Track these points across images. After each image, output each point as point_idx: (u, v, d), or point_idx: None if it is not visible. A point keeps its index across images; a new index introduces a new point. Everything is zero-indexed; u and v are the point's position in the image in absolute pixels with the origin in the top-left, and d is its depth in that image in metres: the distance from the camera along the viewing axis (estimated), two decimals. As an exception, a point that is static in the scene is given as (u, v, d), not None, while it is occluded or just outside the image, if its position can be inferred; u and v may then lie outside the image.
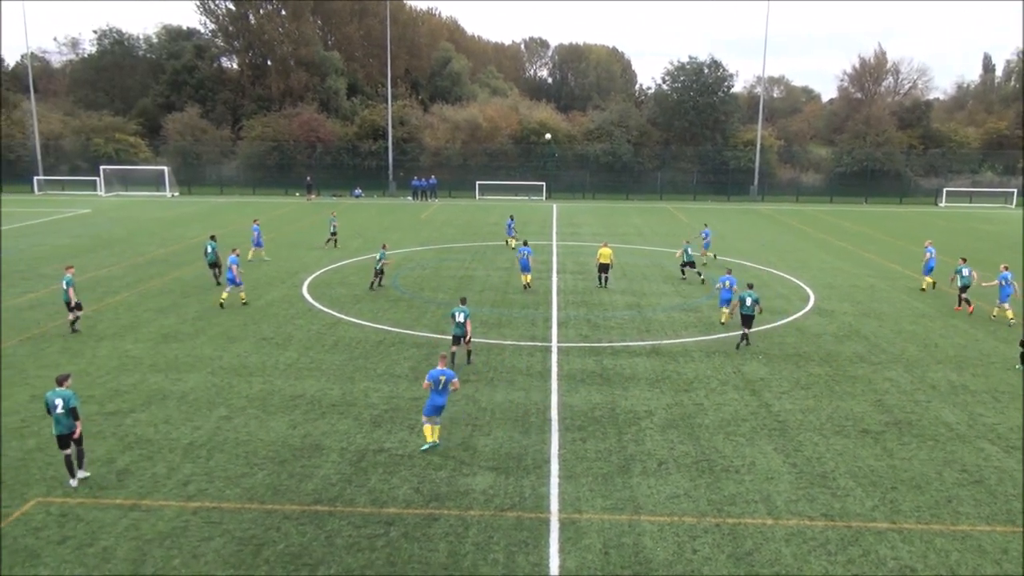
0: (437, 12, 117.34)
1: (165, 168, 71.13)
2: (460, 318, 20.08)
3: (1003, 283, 25.48)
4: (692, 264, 32.38)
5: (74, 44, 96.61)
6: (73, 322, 23.53)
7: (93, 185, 70.17)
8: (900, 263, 36.81)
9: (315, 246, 39.96)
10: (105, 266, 33.97)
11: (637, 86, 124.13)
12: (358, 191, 71.16)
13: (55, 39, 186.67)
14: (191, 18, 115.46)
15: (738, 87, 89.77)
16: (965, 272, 27.12)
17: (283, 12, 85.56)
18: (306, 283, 30.71)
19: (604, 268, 30.45)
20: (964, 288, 27.04)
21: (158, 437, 15.80)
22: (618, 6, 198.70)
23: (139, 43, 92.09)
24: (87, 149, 75.18)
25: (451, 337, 20.56)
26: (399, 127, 76.46)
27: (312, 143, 76.47)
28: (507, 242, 40.63)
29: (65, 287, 23.18)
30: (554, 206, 63.87)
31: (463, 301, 20.99)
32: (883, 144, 76.24)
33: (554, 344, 22.83)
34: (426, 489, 13.73)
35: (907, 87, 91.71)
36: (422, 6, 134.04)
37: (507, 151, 77.23)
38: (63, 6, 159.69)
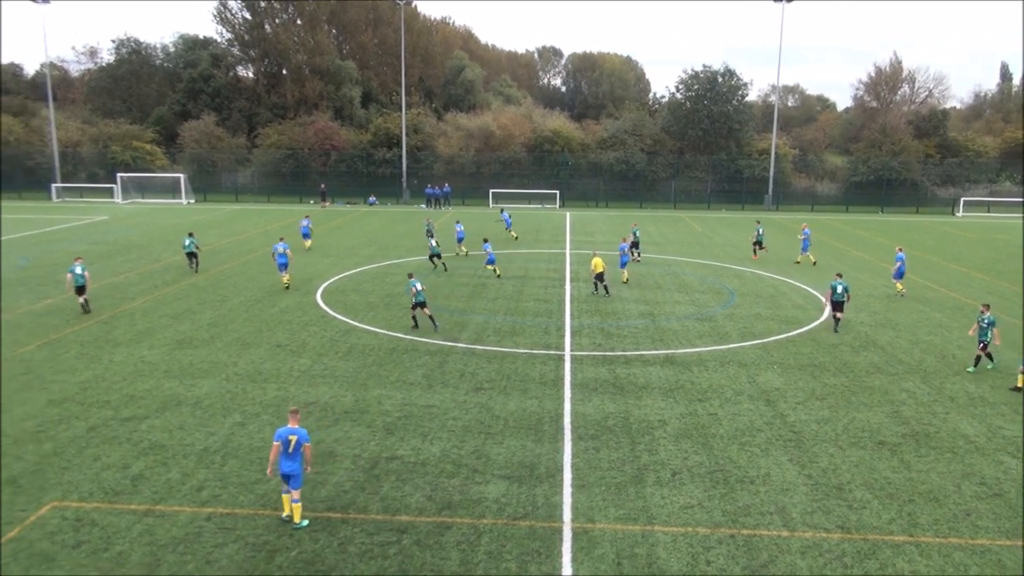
0: (451, 21, 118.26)
1: (181, 175, 71.68)
2: (419, 286, 24.38)
3: None
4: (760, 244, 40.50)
5: (92, 53, 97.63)
6: (84, 304, 26.35)
7: (110, 192, 70.78)
8: (917, 273, 36.53)
9: (329, 253, 40.10)
10: (122, 272, 34.22)
11: (651, 95, 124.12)
12: (372, 199, 71.44)
13: (73, 48, 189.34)
14: (208, 27, 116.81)
15: (752, 96, 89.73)
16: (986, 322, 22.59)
17: (299, 21, 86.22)
18: (320, 290, 30.81)
19: (600, 277, 30.45)
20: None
21: (173, 443, 15.86)
22: (632, 15, 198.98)
23: (156, 52, 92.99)
24: (104, 157, 75.88)
25: (413, 304, 24.53)
26: (413, 135, 76.76)
27: (327, 151, 76.89)
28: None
29: (79, 272, 26.31)
30: (567, 214, 63.86)
31: (411, 275, 25.50)
32: (899, 153, 75.78)
33: (567, 352, 22.78)
34: (439, 497, 13.71)
35: (923, 96, 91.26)
36: (436, 15, 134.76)
37: (520, 159, 77.36)
38: (82, 15, 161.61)
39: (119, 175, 71.27)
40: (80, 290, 26.47)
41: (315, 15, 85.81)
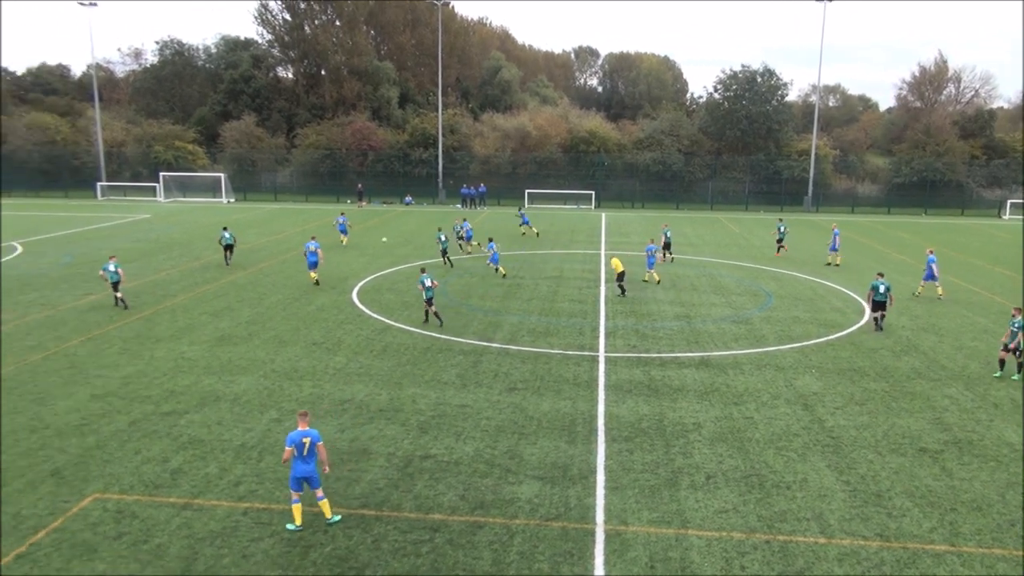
0: (488, 21, 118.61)
1: (222, 175, 72.89)
2: (429, 283, 24.99)
3: None
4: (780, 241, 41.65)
5: (137, 54, 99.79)
6: (117, 299, 27.34)
7: (153, 191, 72.21)
8: (961, 277, 35.73)
9: (365, 252, 40.44)
10: (163, 269, 34.88)
11: (688, 95, 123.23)
12: (408, 199, 71.91)
13: (119, 49, 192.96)
14: (249, 29, 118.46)
15: (792, 96, 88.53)
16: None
17: (338, 22, 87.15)
18: (356, 289, 31.09)
19: (621, 276, 30.38)
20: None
21: (211, 438, 16.12)
22: (670, 15, 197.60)
23: (198, 53, 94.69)
24: (148, 156, 77.48)
25: (428, 299, 25.23)
26: (449, 135, 77.12)
27: (364, 151, 77.59)
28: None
29: (112, 270, 27.19)
30: (603, 215, 63.62)
31: (423, 271, 26.06)
32: (944, 154, 74.20)
33: (601, 353, 22.69)
34: (472, 496, 13.74)
35: (969, 96, 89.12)
36: (473, 16, 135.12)
37: (556, 159, 77.27)
38: (127, 17, 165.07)
39: (162, 174, 72.73)
40: (115, 286, 27.40)
41: (354, 16, 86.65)
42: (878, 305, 25.51)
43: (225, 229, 36.81)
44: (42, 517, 12.80)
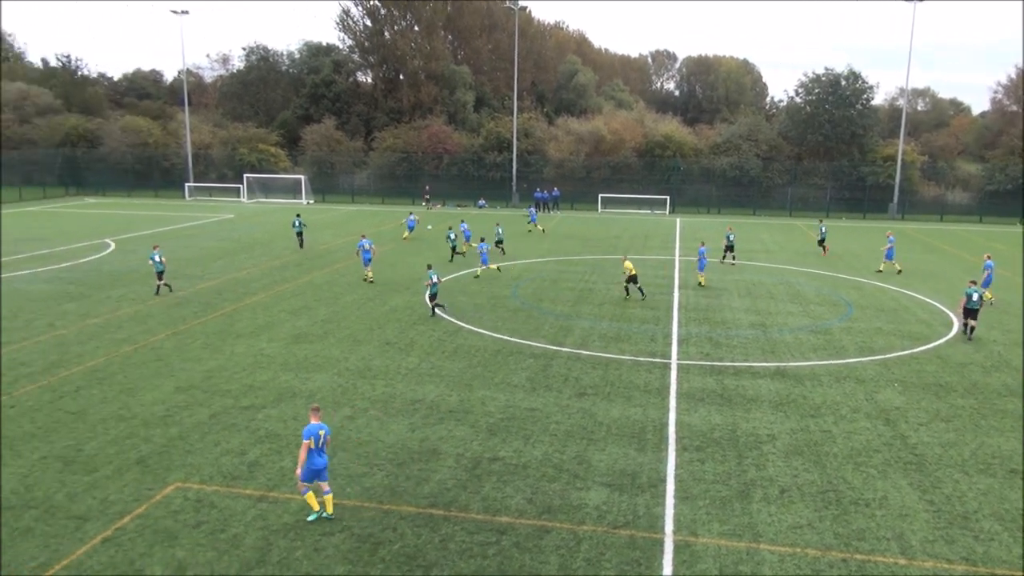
0: (565, 25, 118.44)
1: (302, 177, 74.89)
2: (437, 278, 26.79)
3: None
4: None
5: (225, 60, 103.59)
6: (159, 287, 29.69)
7: (237, 192, 74.72)
8: (1059, 290, 33.86)
9: (440, 254, 40.88)
10: (245, 268, 36.03)
11: (768, 99, 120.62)
12: (482, 202, 72.43)
13: (208, 55, 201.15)
14: (331, 35, 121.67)
15: (878, 99, 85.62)
16: None
17: (416, 28, 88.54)
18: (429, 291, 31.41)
19: (634, 279, 30.38)
20: None
21: (287, 433, 16.55)
22: (751, 17, 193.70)
23: (282, 59, 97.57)
24: (233, 158, 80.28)
25: (431, 295, 27.10)
26: (524, 139, 77.36)
27: (439, 154, 78.55)
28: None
29: (157, 260, 29.42)
30: (677, 220, 62.76)
31: (430, 267, 27.76)
32: (1042, 161, 70.49)
33: (674, 361, 22.36)
34: (539, 500, 13.71)
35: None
36: (550, 20, 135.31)
37: (631, 164, 76.61)
38: (216, 25, 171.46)
39: (245, 176, 75.24)
40: (159, 275, 29.70)
41: (432, 21, 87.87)
42: (969, 313, 25.06)
43: (298, 216, 40.96)
44: (127, 503, 13.36)
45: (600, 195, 71.26)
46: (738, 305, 29.85)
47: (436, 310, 27.12)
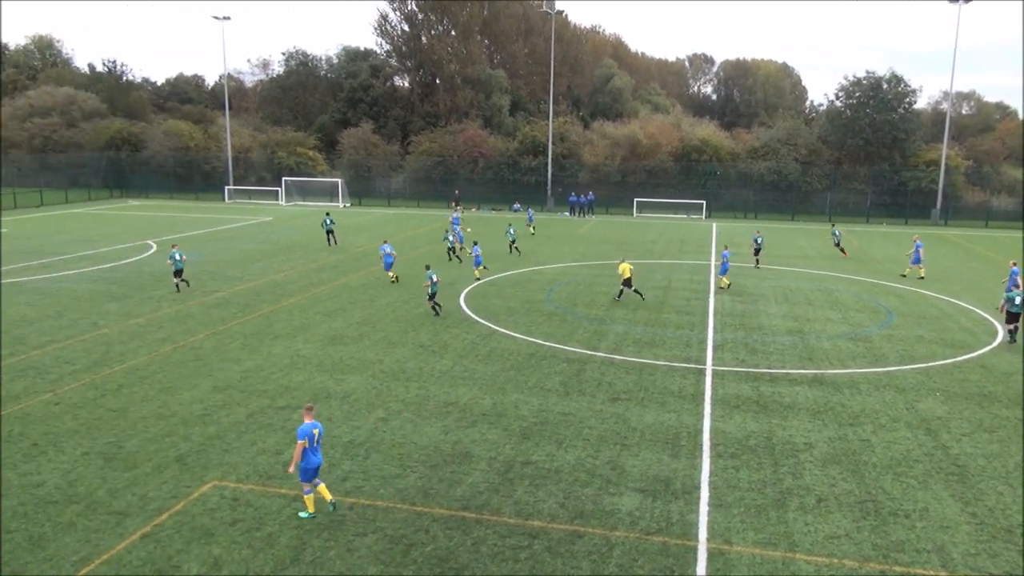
0: (601, 29, 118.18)
1: (339, 180, 75.65)
2: (436, 278, 27.30)
3: None
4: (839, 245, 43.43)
5: (265, 65, 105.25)
6: (177, 283, 31.05)
7: (275, 195, 75.73)
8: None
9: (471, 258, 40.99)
10: (282, 270, 36.50)
11: (807, 102, 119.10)
12: (517, 205, 72.50)
13: (248, 60, 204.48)
14: (368, 40, 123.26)
15: (921, 103, 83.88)
16: None
17: (453, 32, 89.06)
18: (463, 294, 31.57)
19: (628, 283, 30.27)
20: None
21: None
22: (790, 20, 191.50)
23: (321, 63, 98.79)
24: (272, 162, 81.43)
25: (431, 294, 27.49)
26: (559, 143, 77.30)
27: (475, 158, 78.83)
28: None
29: (178, 259, 30.82)
30: (713, 225, 62.20)
31: (428, 267, 28.12)
32: (1092, 166, 68.55)
33: (709, 367, 22.15)
34: (571, 505, 13.67)
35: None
36: (587, 24, 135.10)
37: (667, 168, 76.11)
38: (257, 30, 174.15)
39: (284, 179, 76.24)
40: (178, 273, 31.00)
41: (468, 26, 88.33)
42: (1012, 317, 25.04)
43: (327, 214, 42.70)
44: (166, 500, 13.60)
45: (635, 199, 70.92)
46: (775, 311, 29.48)
47: (436, 309, 27.64)
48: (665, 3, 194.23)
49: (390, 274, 33.83)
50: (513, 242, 42.30)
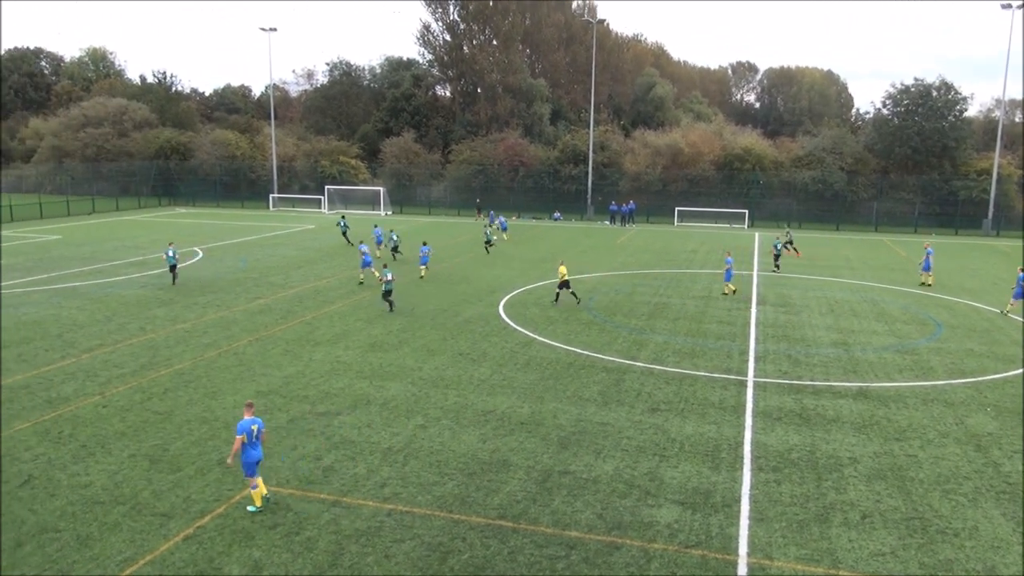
0: (643, 38, 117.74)
1: (381, 188, 76.47)
2: (391, 276, 29.12)
3: None
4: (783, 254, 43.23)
5: (309, 75, 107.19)
6: (174, 277, 33.92)
7: (318, 203, 76.80)
8: None
9: (512, 266, 41.09)
10: (324, 277, 36.96)
11: (853, 110, 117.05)
12: (557, 214, 72.47)
13: (293, 71, 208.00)
14: (411, 50, 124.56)
15: (972, 111, 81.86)
16: None
17: (494, 42, 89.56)
18: (503, 302, 31.61)
19: (565, 284, 30.89)
20: None
21: (360, 439, 16.84)
22: (836, 26, 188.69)
23: (364, 74, 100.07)
24: (315, 170, 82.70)
25: (385, 292, 29.07)
26: (600, 152, 77.14)
27: (515, 167, 79.01)
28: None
29: (172, 256, 33.70)
30: (756, 234, 61.42)
31: (385, 266, 30.49)
32: None
33: (750, 378, 21.84)
34: (609, 516, 13.56)
35: None
36: (628, 32, 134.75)
37: (708, 177, 75.43)
38: (302, 41, 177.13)
39: (327, 187, 77.31)
40: (172, 268, 33.72)
41: (510, 35, 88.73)
42: None
43: (342, 217, 48.98)
44: (208, 503, 13.82)
45: (677, 208, 70.39)
46: (819, 323, 28.98)
47: (390, 306, 29.28)
48: (708, 11, 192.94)
49: (422, 268, 37.28)
50: (488, 241, 46.01)
